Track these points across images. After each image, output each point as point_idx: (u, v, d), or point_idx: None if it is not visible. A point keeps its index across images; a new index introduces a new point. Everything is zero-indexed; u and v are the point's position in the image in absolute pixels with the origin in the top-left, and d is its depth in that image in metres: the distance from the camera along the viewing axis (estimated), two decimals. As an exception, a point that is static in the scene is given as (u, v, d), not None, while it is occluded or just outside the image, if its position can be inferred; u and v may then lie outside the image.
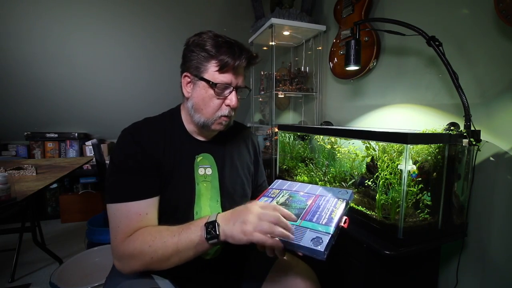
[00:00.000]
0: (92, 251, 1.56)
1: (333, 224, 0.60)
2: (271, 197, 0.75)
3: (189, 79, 0.75)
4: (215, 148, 0.82)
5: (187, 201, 0.75)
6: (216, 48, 0.70)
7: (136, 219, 0.66)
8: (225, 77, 0.72)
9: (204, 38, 0.72)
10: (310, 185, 0.80)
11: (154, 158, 0.72)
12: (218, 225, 0.60)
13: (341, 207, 0.67)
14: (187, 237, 0.61)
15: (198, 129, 0.80)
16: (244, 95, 0.79)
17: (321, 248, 0.54)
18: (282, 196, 0.74)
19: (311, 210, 0.66)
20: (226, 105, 0.75)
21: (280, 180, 0.83)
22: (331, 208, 0.67)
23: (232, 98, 0.74)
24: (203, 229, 0.60)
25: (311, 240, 0.57)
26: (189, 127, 0.81)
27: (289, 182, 0.82)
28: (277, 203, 0.71)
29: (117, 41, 2.35)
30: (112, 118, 2.81)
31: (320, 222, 0.61)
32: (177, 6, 2.28)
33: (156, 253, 0.61)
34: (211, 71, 0.71)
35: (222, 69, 0.71)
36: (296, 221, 0.62)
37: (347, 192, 0.74)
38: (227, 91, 0.73)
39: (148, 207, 0.69)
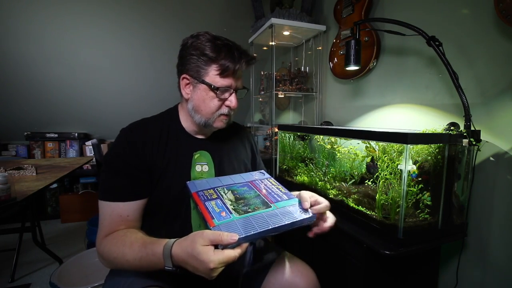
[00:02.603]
0: (92, 251, 1.56)
1: (292, 196, 0.72)
2: (213, 198, 0.68)
3: (188, 81, 0.77)
4: (212, 146, 0.84)
5: (183, 197, 0.77)
6: (216, 52, 0.72)
7: (117, 220, 0.70)
8: (226, 81, 0.74)
9: (202, 41, 0.73)
10: (228, 176, 0.81)
11: (146, 158, 0.74)
12: (179, 268, 0.58)
13: (276, 182, 0.79)
14: (149, 263, 0.61)
15: (198, 128, 0.82)
16: (242, 95, 0.81)
17: (310, 213, 0.67)
18: (225, 193, 0.71)
19: (267, 194, 0.73)
20: (226, 106, 0.78)
21: (192, 181, 0.76)
22: (273, 186, 0.77)
23: (232, 100, 0.77)
24: (163, 265, 0.59)
25: (300, 212, 0.66)
26: (187, 125, 0.82)
27: (204, 180, 0.77)
28: (230, 201, 0.67)
29: (117, 41, 2.35)
30: (112, 118, 2.81)
31: (285, 199, 0.71)
32: (177, 6, 2.28)
33: (120, 265, 0.65)
34: (212, 75, 0.73)
35: (223, 74, 0.73)
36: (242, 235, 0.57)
37: (264, 173, 0.85)
38: (227, 94, 0.76)
39: (130, 210, 0.71)
